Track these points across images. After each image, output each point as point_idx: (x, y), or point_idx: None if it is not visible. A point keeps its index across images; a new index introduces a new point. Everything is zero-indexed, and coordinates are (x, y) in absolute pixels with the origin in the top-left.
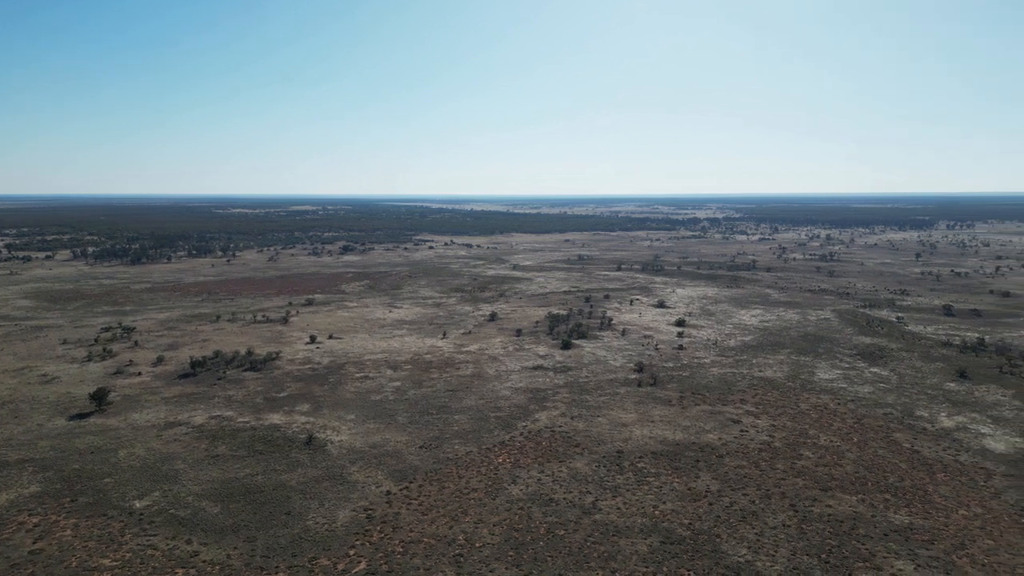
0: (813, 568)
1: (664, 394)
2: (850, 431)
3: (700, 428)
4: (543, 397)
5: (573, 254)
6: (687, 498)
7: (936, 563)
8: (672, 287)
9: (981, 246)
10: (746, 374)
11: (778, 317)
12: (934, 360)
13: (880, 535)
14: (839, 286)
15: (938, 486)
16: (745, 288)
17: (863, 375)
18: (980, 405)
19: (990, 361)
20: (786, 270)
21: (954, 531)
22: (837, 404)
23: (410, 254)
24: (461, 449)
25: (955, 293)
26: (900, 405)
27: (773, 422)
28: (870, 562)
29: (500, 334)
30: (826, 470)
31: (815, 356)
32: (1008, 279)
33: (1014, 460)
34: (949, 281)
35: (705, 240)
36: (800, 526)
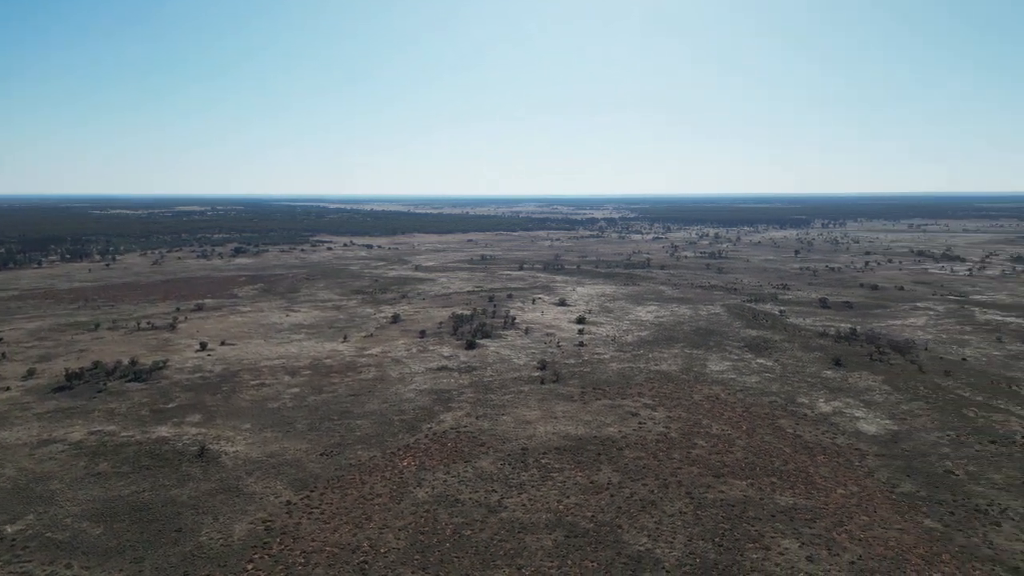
0: (708, 551)
1: (566, 390)
2: (739, 419)
3: (601, 422)
4: (448, 398)
5: (476, 254)
6: (590, 491)
7: (818, 540)
8: (572, 286)
9: (852, 243)
10: (643, 368)
11: (672, 313)
12: (813, 350)
13: (768, 516)
14: (727, 282)
15: (818, 468)
16: (641, 285)
17: (750, 366)
18: (854, 391)
19: (861, 349)
20: (678, 267)
21: (833, 509)
22: (727, 394)
23: (307, 256)
24: (364, 454)
25: (830, 287)
26: (784, 393)
27: (669, 413)
28: (759, 542)
29: (403, 336)
30: (718, 457)
31: (707, 349)
32: (876, 273)
33: (884, 441)
34: (824, 276)
35: (603, 239)
36: (696, 512)
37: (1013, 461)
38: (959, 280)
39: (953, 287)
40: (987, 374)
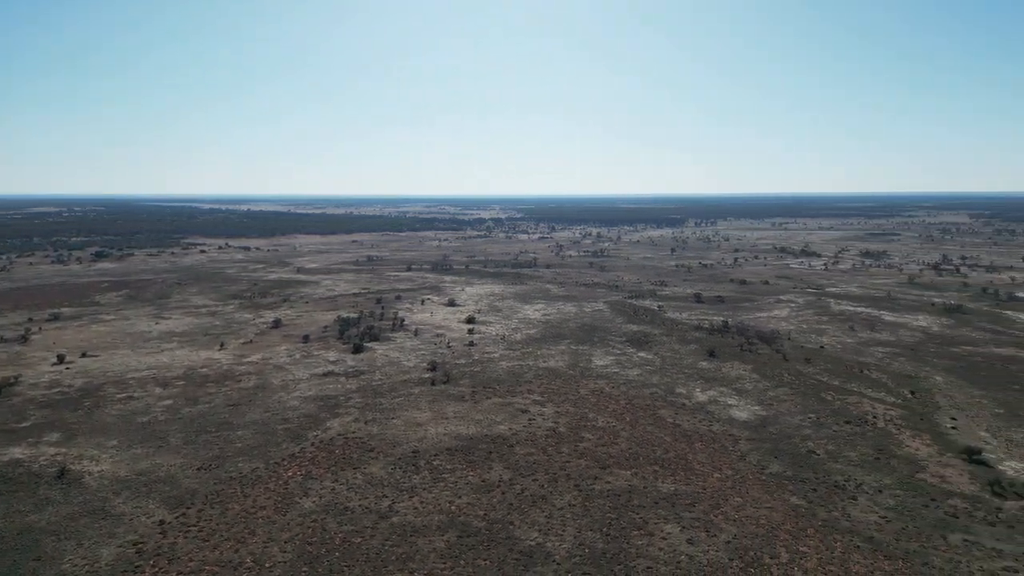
0: (596, 541)
1: (457, 390)
2: (623, 411)
3: (492, 420)
4: (335, 404)
5: (362, 255)
6: (481, 490)
7: (697, 523)
8: (461, 286)
9: (722, 241)
10: (532, 365)
11: (558, 310)
12: (689, 343)
13: (651, 503)
14: (609, 279)
15: (696, 454)
16: (528, 284)
17: (632, 359)
18: (726, 380)
19: (733, 341)
20: (563, 266)
21: (711, 493)
22: (612, 388)
23: (178, 259)
24: (246, 466)
25: (703, 282)
26: (663, 384)
27: (557, 409)
28: (644, 529)
29: (285, 341)
30: (604, 449)
31: (592, 345)
32: (744, 269)
33: (754, 426)
34: (698, 272)
35: (490, 240)
36: (584, 504)
37: (866, 439)
38: (816, 274)
39: (811, 281)
40: (842, 360)
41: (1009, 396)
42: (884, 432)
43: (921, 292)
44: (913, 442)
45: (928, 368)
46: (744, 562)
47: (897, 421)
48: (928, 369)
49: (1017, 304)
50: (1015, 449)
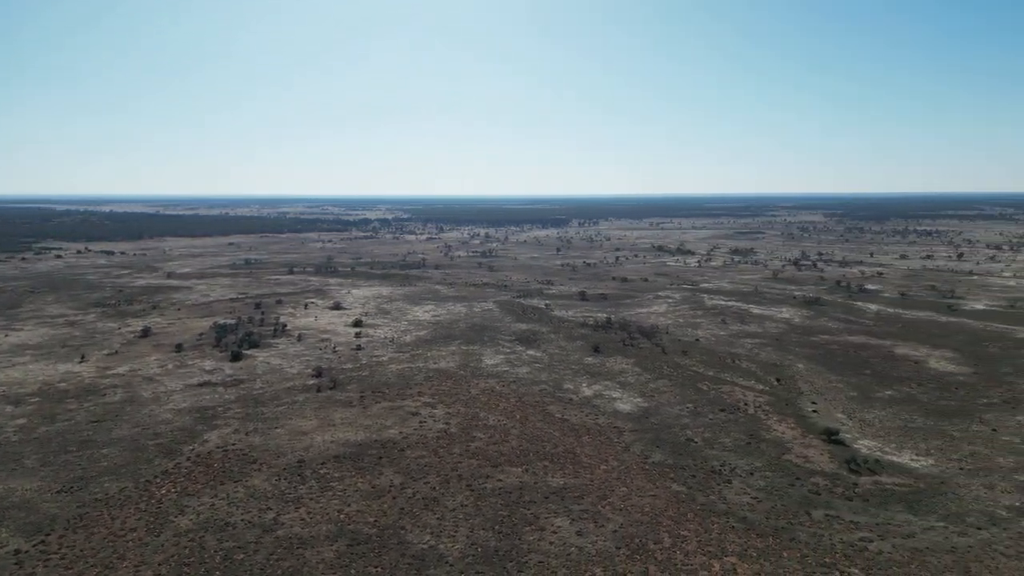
0: (489, 540)
1: (345, 396)
2: (514, 409)
3: (382, 425)
4: (213, 415)
5: (239, 258)
6: (372, 496)
7: (586, 514)
8: (347, 288)
9: (604, 240)
10: (422, 367)
11: (448, 311)
12: (575, 339)
13: (542, 498)
14: (498, 279)
15: (584, 448)
16: (417, 285)
17: (521, 357)
18: (610, 374)
19: (616, 336)
20: (452, 267)
21: (598, 484)
22: (502, 386)
23: (31, 265)
24: (113, 487)
25: (588, 281)
26: (552, 381)
27: (448, 410)
28: (535, 524)
29: (156, 351)
30: (496, 447)
31: (482, 344)
32: (625, 267)
33: (637, 417)
34: (583, 271)
35: (377, 240)
36: (476, 503)
37: (739, 426)
38: (691, 271)
39: (687, 277)
40: (715, 352)
41: (861, 380)
42: (754, 418)
43: (784, 286)
44: (780, 426)
45: (791, 357)
46: (630, 549)
47: (765, 407)
48: (791, 358)
49: (866, 295)
50: (868, 429)
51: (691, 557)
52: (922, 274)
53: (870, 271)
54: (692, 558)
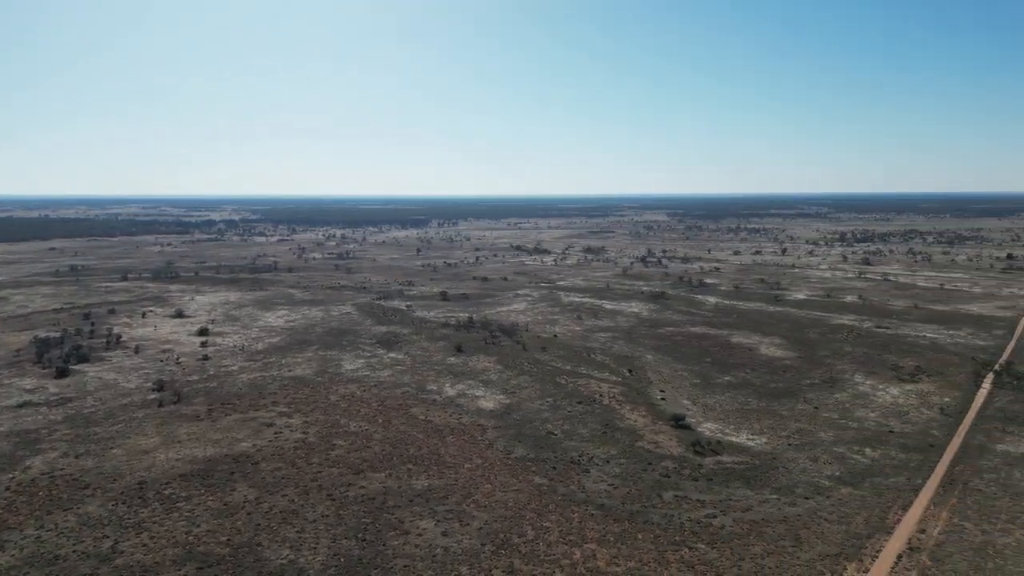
0: (352, 549)
1: (191, 410)
2: (375, 414)
3: (233, 438)
4: (36, 439)
5: (63, 264)
6: (224, 514)
7: (451, 514)
8: (191, 295)
9: (464, 240)
10: (277, 375)
11: (303, 316)
12: (438, 340)
13: (407, 502)
14: (356, 282)
15: (448, 448)
16: (269, 290)
17: (383, 361)
18: (473, 373)
19: (478, 335)
20: (307, 269)
21: (463, 483)
22: (363, 391)
23: None
24: None
25: (449, 281)
26: (415, 383)
27: (306, 418)
28: (400, 528)
29: None
30: (358, 454)
31: (341, 349)
32: (485, 266)
33: (500, 414)
34: (443, 271)
35: (223, 243)
36: (338, 513)
37: (595, 416)
38: (548, 269)
39: (544, 275)
40: (572, 347)
41: (703, 368)
42: (609, 408)
43: (633, 282)
44: (632, 415)
45: (641, 348)
46: (495, 545)
47: (619, 397)
48: (641, 349)
49: (705, 289)
50: (710, 412)
51: (553, 547)
52: (753, 268)
53: (708, 266)
54: (554, 548)
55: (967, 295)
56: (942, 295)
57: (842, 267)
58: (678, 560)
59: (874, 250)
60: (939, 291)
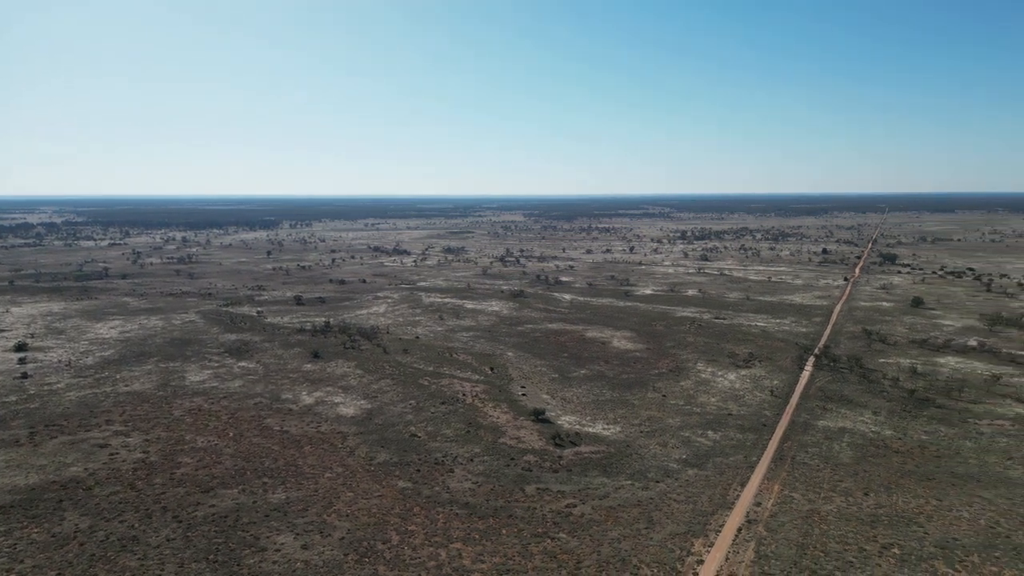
0: (203, 572)
1: (8, 434)
2: (226, 427)
3: (61, 463)
4: None
5: None
6: (52, 547)
7: (311, 526)
8: (4, 306)
9: (319, 242)
10: (111, 392)
11: (140, 326)
12: (293, 346)
13: (262, 517)
14: (201, 287)
15: (307, 458)
16: (99, 299)
17: (232, 371)
18: (332, 379)
19: (336, 340)
20: (144, 276)
21: (323, 493)
22: (211, 404)
23: None
24: None
25: (303, 284)
26: (268, 393)
27: (147, 436)
28: (256, 545)
29: None
30: (207, 471)
31: (184, 360)
32: (342, 268)
33: (361, 420)
34: (297, 275)
35: (43, 248)
36: (186, 535)
37: (458, 416)
38: (408, 270)
39: (404, 277)
40: (434, 347)
41: (561, 363)
42: (472, 407)
43: (493, 281)
44: (495, 412)
45: (502, 346)
46: (359, 554)
47: (482, 396)
48: (502, 347)
49: (561, 287)
50: (568, 405)
51: (419, 550)
52: (604, 266)
53: (563, 265)
54: (420, 551)
55: (790, 286)
56: (770, 287)
57: (683, 263)
58: (541, 551)
59: (711, 247)
60: (767, 283)
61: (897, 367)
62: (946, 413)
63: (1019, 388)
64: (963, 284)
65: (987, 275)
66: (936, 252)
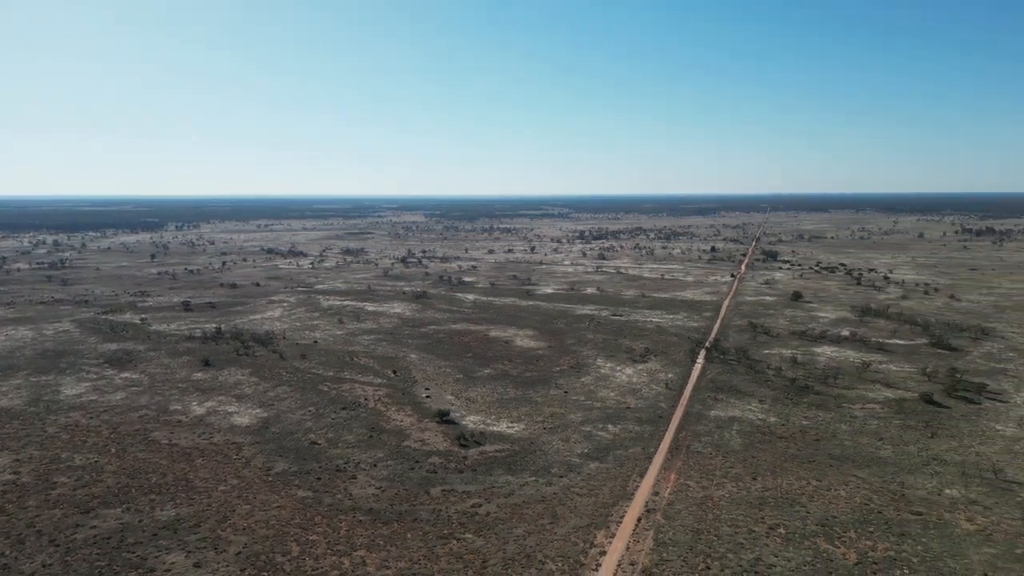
0: None
1: None
2: (107, 443)
3: None
4: None
5: None
6: None
7: (204, 543)
8: None
9: (208, 244)
10: None
11: (7, 336)
12: (181, 354)
13: (150, 537)
14: (76, 294)
15: (198, 471)
16: None
17: (114, 382)
18: (225, 387)
19: (228, 347)
20: (9, 282)
21: (217, 508)
22: (89, 419)
23: None
24: None
25: (191, 289)
26: (155, 404)
27: (17, 456)
28: (142, 567)
29: None
30: (86, 490)
31: (59, 373)
32: (234, 272)
33: (257, 429)
34: (184, 279)
35: None
36: (64, 560)
37: (361, 421)
38: (305, 273)
39: (301, 280)
40: (334, 352)
41: (465, 363)
42: (375, 411)
43: (395, 283)
44: (398, 415)
45: (405, 348)
46: (256, 568)
47: (385, 399)
48: (405, 349)
49: (464, 287)
50: (473, 405)
51: (321, 560)
52: (506, 266)
53: (466, 265)
54: (322, 561)
55: (682, 283)
56: (663, 284)
57: (583, 262)
58: (447, 553)
59: (608, 246)
60: (661, 281)
61: (780, 357)
62: (823, 399)
63: (887, 374)
64: (836, 279)
65: (857, 270)
66: (812, 249)
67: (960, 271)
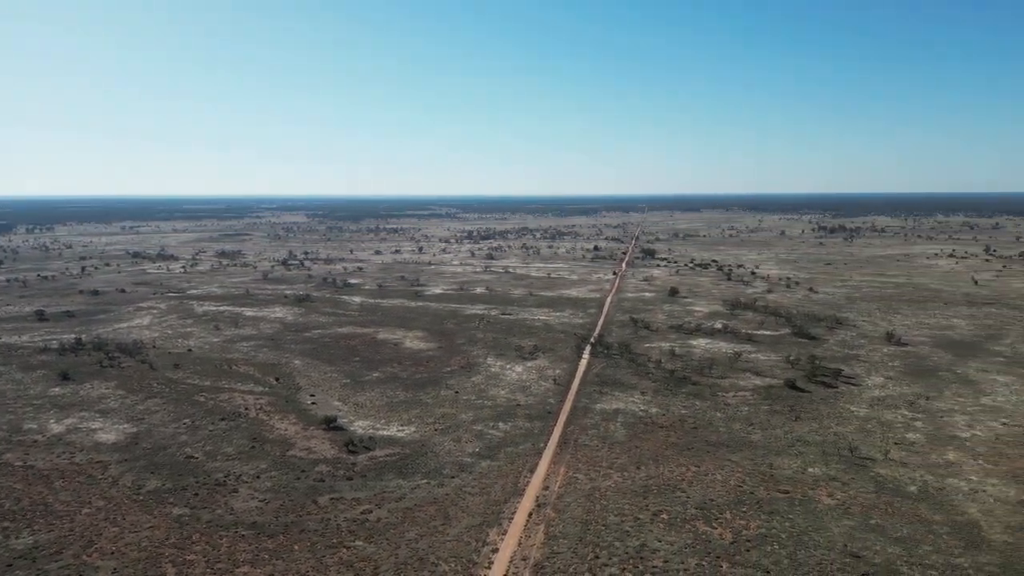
0: None
1: None
2: None
3: None
4: None
5: None
6: None
7: (68, 570)
8: None
9: (64, 248)
10: None
11: None
12: (35, 368)
13: (4, 568)
14: None
15: (58, 494)
16: None
17: None
18: (87, 402)
19: (90, 358)
20: None
21: (81, 532)
22: None
23: None
24: None
25: (46, 297)
26: (5, 424)
27: None
28: None
29: None
30: None
31: None
32: (95, 278)
33: (125, 446)
34: (37, 286)
35: None
36: None
37: (241, 432)
38: (176, 277)
39: (172, 284)
40: (210, 360)
41: (352, 367)
42: (257, 421)
43: (275, 286)
44: (282, 424)
45: (288, 354)
46: None
47: (267, 408)
48: (288, 355)
49: (350, 289)
50: (361, 410)
51: None
52: (394, 267)
53: (352, 267)
54: None
55: (567, 282)
56: (550, 283)
57: (471, 262)
58: (337, 562)
59: (496, 246)
60: (547, 279)
61: (659, 350)
62: (700, 389)
63: (755, 363)
64: (709, 275)
65: (727, 266)
66: (687, 247)
67: (817, 266)
